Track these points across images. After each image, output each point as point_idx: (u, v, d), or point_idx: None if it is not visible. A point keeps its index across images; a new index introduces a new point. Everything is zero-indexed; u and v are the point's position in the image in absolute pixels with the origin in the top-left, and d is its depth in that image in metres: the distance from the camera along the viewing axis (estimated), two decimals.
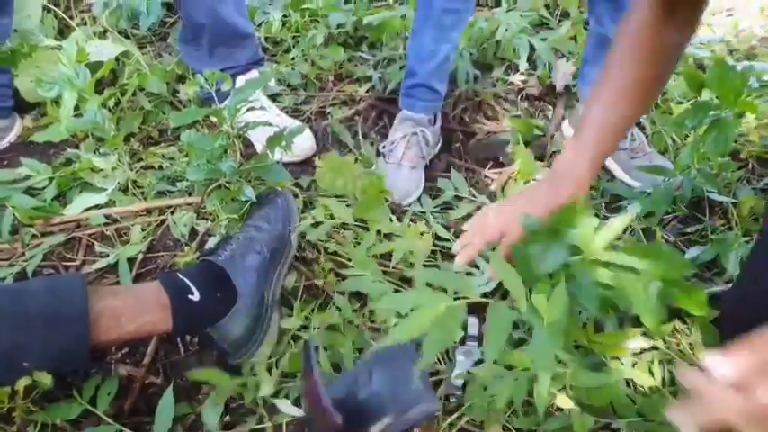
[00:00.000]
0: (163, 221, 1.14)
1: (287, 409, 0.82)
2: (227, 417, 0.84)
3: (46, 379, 0.75)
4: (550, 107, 1.55)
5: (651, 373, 0.84)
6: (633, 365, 0.87)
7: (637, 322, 0.90)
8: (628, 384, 0.85)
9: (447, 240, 1.10)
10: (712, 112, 1.09)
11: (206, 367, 0.91)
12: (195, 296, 0.88)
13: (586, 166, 0.77)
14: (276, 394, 0.86)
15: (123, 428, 0.79)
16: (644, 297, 0.60)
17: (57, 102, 1.35)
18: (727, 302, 0.90)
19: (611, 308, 0.65)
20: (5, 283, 0.99)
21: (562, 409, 0.78)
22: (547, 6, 1.93)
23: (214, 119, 1.17)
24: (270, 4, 1.80)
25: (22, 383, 0.74)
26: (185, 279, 0.89)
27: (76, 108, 1.23)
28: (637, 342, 0.88)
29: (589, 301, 0.67)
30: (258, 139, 1.31)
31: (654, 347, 0.89)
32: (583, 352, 0.86)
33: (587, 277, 0.63)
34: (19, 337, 0.74)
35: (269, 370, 0.89)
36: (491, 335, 0.60)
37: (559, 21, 1.89)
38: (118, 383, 0.85)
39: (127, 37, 1.68)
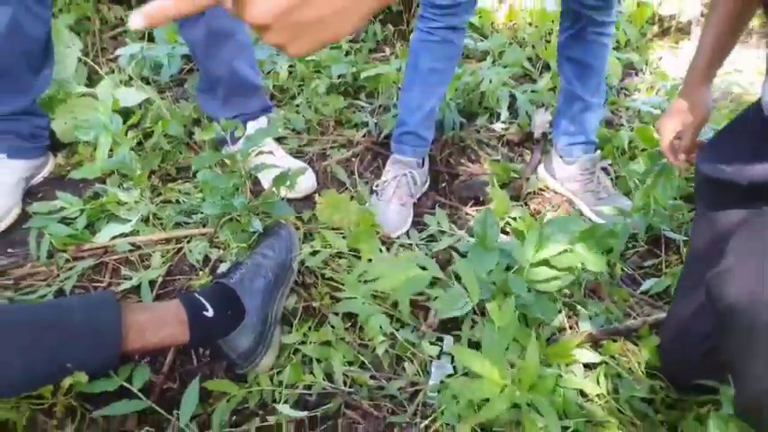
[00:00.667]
0: (180, 249, 1.29)
1: (286, 411, 0.95)
2: (235, 417, 0.97)
3: (83, 378, 0.89)
4: (528, 152, 1.72)
5: (598, 383, 0.98)
6: (585, 377, 1.01)
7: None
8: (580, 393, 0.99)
9: None
10: (661, 162, 1.25)
11: (216, 375, 1.06)
12: (209, 313, 1.02)
13: (707, 90, 1.01)
14: (277, 400, 0.99)
15: (154, 405, 0.92)
16: None
17: (87, 142, 1.53)
18: (664, 325, 1.05)
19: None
20: (48, 299, 1.14)
21: (519, 406, 0.91)
22: (530, 59, 2.13)
23: (227, 160, 1.33)
24: (277, 55, 2.00)
25: (66, 382, 0.88)
26: (201, 298, 1.03)
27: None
28: (588, 357, 1.02)
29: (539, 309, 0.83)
30: (266, 177, 1.47)
31: (604, 362, 1.03)
32: (543, 363, 1.00)
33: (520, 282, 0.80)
34: (63, 343, 0.89)
35: (271, 379, 1.03)
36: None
37: (541, 73, 2.09)
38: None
39: (148, 83, 1.87)
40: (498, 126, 1.77)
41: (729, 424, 0.69)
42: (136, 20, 0.40)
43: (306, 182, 1.47)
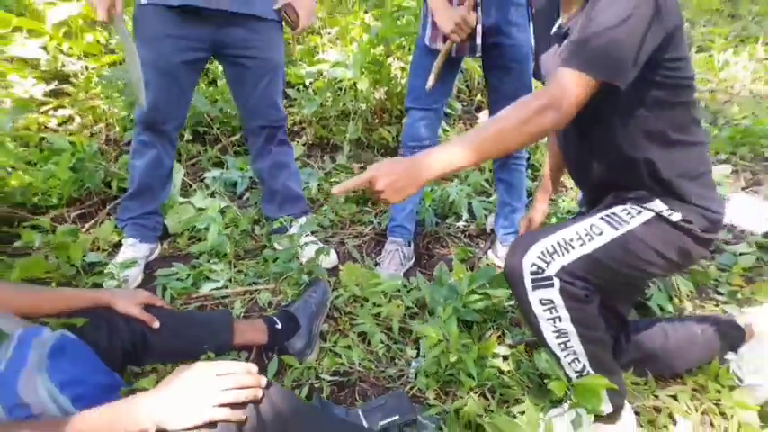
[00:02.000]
0: (252, 298, 2.01)
1: (326, 377, 1.63)
2: (294, 382, 1.64)
3: (212, 355, 1.58)
4: (483, 241, 2.49)
5: (509, 365, 1.66)
6: (502, 360, 1.69)
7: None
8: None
9: (412, 308, 1.97)
10: None
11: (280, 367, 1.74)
12: (279, 326, 1.73)
13: (546, 201, 1.77)
14: (319, 373, 1.67)
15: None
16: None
17: (182, 233, 2.30)
18: None
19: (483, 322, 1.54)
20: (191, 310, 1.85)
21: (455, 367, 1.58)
22: (486, 180, 2.97)
23: (286, 239, 2.11)
24: (311, 175, 2.85)
25: (202, 357, 1.57)
26: (275, 317, 1.74)
27: (201, 232, 2.18)
28: (504, 351, 1.71)
29: (469, 315, 1.55)
30: (305, 255, 2.22)
31: (514, 354, 1.71)
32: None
33: (458, 302, 1.52)
34: (203, 334, 1.59)
35: (315, 368, 1.71)
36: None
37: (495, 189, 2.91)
38: None
39: (221, 195, 2.69)
40: (462, 224, 2.56)
41: (542, 353, 1.38)
42: (336, 191, 1.19)
43: (331, 259, 2.22)
